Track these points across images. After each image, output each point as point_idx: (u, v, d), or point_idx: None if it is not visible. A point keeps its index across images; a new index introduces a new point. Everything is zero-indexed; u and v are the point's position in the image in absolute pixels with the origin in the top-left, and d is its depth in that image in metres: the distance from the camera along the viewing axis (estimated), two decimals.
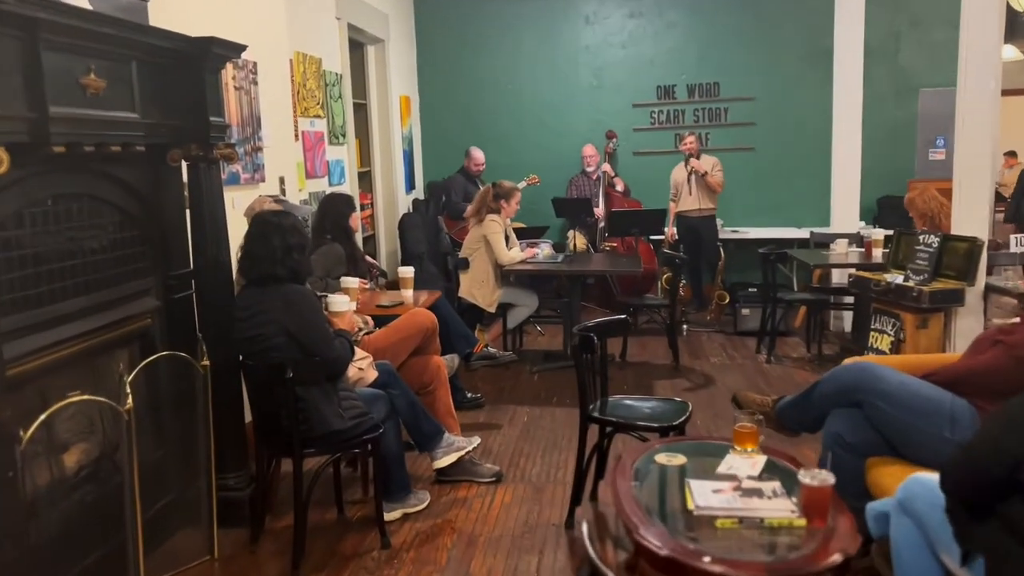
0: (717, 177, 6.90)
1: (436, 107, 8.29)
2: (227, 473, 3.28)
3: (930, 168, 7.93)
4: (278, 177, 4.50)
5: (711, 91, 8.03)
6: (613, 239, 7.37)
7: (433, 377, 3.65)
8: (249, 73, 4.06)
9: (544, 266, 5.49)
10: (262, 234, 2.91)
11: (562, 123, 8.19)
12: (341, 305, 3.17)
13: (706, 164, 6.91)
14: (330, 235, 4.37)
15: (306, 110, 5.28)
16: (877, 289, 4.46)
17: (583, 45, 8.16)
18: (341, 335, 3.00)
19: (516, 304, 5.60)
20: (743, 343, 6.27)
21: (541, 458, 3.99)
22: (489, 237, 5.41)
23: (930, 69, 7.77)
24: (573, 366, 5.55)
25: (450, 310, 4.64)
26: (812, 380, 5.37)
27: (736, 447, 2.71)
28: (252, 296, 2.90)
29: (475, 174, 7.24)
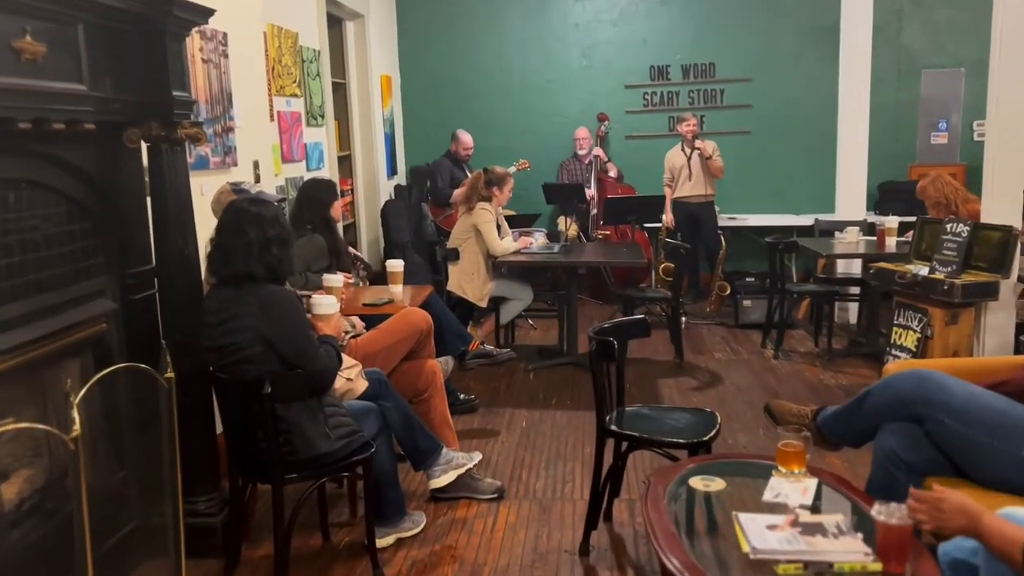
0: (719, 162, 6.57)
1: (419, 88, 7.87)
2: (197, 497, 2.90)
3: (932, 152, 7.65)
4: (252, 161, 4.09)
5: (707, 72, 7.69)
6: (606, 227, 7.03)
7: (428, 384, 3.28)
8: (219, 45, 3.65)
9: (539, 257, 5.13)
10: (237, 225, 2.52)
11: (551, 105, 7.82)
12: (327, 307, 2.79)
13: (707, 147, 6.57)
14: (310, 225, 3.98)
15: (282, 88, 4.86)
16: (902, 282, 4.15)
17: (573, 23, 7.77)
18: (327, 342, 2.62)
19: (509, 297, 5.24)
20: (747, 337, 5.97)
21: (545, 470, 3.65)
22: (480, 227, 5.03)
23: (933, 49, 7.50)
24: (570, 363, 5.27)
25: (443, 306, 4.27)
26: (822, 377, 5.17)
27: (781, 468, 2.38)
28: (224, 298, 2.51)
29: (463, 159, 6.85)
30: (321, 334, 2.68)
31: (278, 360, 2.46)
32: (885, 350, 4.43)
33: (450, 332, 4.14)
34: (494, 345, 5.36)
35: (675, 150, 6.76)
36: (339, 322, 2.88)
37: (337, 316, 2.82)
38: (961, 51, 7.44)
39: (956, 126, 7.61)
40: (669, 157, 6.79)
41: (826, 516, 2.08)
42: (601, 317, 6.55)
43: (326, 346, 2.59)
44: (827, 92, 7.36)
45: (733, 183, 7.27)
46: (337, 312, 2.83)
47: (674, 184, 6.74)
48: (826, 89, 7.42)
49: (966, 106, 7.54)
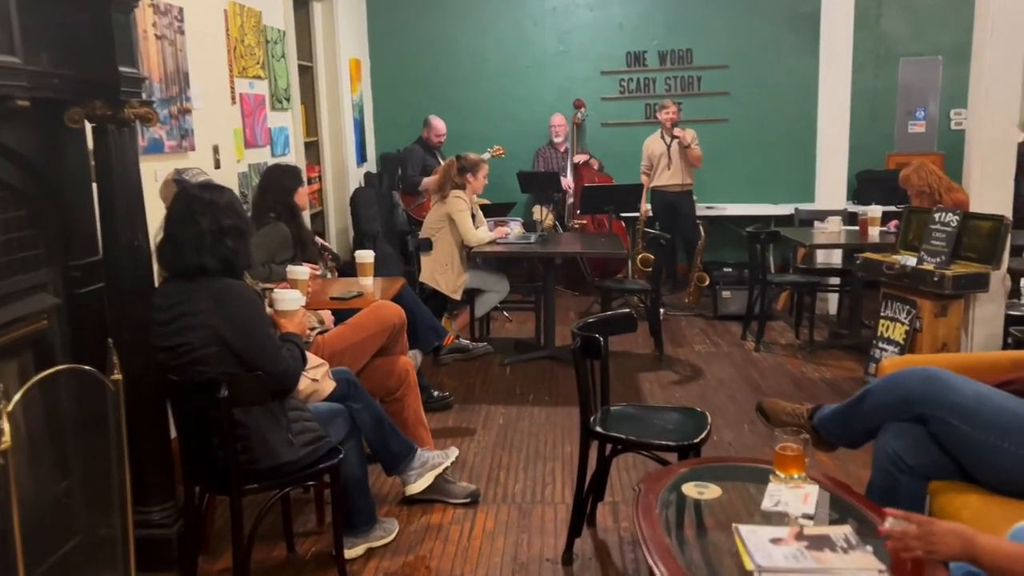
0: (697, 151, 6.42)
1: (389, 72, 7.63)
2: (149, 507, 2.69)
3: (910, 141, 7.58)
4: (211, 145, 3.86)
5: (684, 58, 7.54)
6: (583, 216, 6.86)
7: (401, 381, 3.08)
8: (174, 20, 3.41)
9: (516, 247, 4.94)
10: (187, 214, 2.30)
11: (527, 90, 7.62)
12: (290, 303, 2.58)
13: (686, 136, 6.42)
14: (273, 213, 3.76)
15: (244, 70, 4.61)
16: (890, 272, 4.03)
17: (549, 7, 7.57)
18: (290, 340, 2.42)
19: (484, 289, 5.05)
20: (726, 328, 5.83)
21: (524, 471, 3.47)
22: (454, 215, 4.83)
23: (911, 37, 7.40)
24: (548, 357, 5.09)
25: (416, 299, 4.07)
26: (805, 370, 5.05)
27: (779, 473, 2.23)
28: (175, 293, 2.29)
29: (435, 146, 6.63)
30: (284, 332, 2.47)
31: (235, 361, 2.25)
32: (871, 342, 4.33)
33: (423, 326, 3.95)
34: (469, 339, 5.17)
35: (654, 137, 6.60)
36: (303, 319, 2.67)
37: (301, 312, 2.61)
38: (939, 39, 7.37)
39: (933, 115, 7.54)
40: (648, 145, 6.63)
41: (832, 528, 1.93)
42: (578, 308, 6.39)
43: (289, 345, 2.38)
44: (806, 80, 7.25)
45: (710, 172, 7.12)
46: (301, 308, 2.63)
47: (652, 172, 6.58)
48: (805, 77, 7.30)
49: (943, 94, 7.48)
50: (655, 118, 7.51)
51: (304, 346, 2.51)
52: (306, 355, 2.50)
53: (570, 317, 6.13)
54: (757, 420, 3.99)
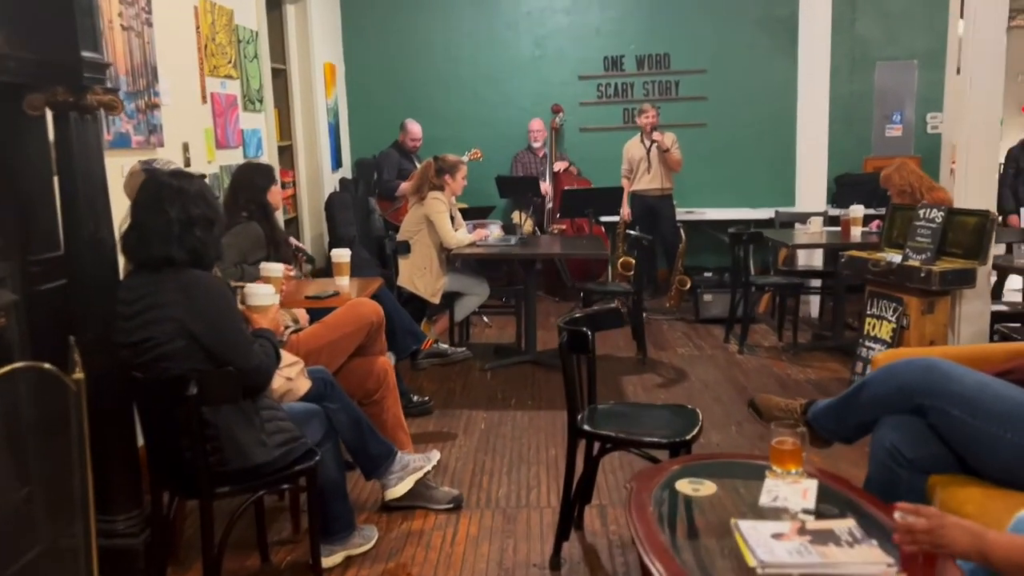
0: (677, 154, 6.38)
1: (364, 76, 7.53)
2: (114, 515, 2.54)
3: (887, 145, 7.60)
4: (181, 143, 3.74)
5: (661, 62, 7.51)
6: (562, 220, 6.79)
7: (380, 383, 2.97)
8: (141, 11, 3.29)
9: (496, 249, 4.84)
10: (155, 202, 2.18)
11: (503, 95, 7.55)
12: (262, 298, 2.47)
13: (667, 140, 6.38)
14: (245, 212, 3.63)
15: (215, 68, 4.49)
16: (876, 270, 3.98)
17: (524, 11, 7.52)
18: (263, 336, 2.30)
19: (464, 293, 4.94)
20: (708, 332, 5.77)
21: (507, 475, 3.36)
22: (432, 217, 4.73)
23: (886, 41, 7.43)
24: (529, 362, 5.00)
25: (394, 301, 3.96)
26: (790, 371, 4.99)
27: (775, 468, 2.14)
28: (140, 285, 2.17)
29: (411, 149, 6.53)
30: (256, 328, 2.35)
31: (204, 356, 2.13)
32: (855, 344, 4.27)
33: (402, 329, 3.83)
34: (448, 344, 5.05)
35: (634, 141, 6.55)
36: (277, 315, 2.55)
37: (275, 308, 2.50)
38: (914, 43, 7.41)
39: (910, 118, 7.58)
40: (628, 148, 6.58)
41: (835, 522, 1.85)
42: (559, 314, 6.28)
43: (261, 341, 2.26)
44: (784, 83, 7.27)
45: (688, 176, 7.06)
46: (275, 304, 2.51)
47: (632, 176, 6.53)
48: (783, 80, 7.32)
49: (919, 98, 7.52)
50: (634, 123, 7.49)
51: (278, 344, 2.39)
52: (280, 353, 2.38)
53: (551, 323, 6.04)
54: (745, 421, 3.95)
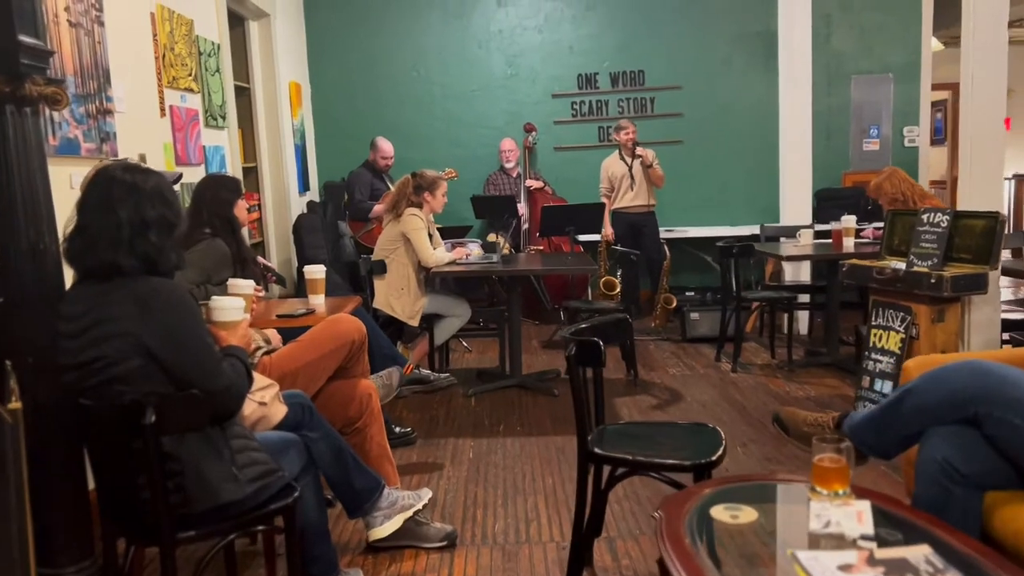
0: (660, 170, 6.20)
1: (331, 96, 7.28)
2: (60, 567, 2.20)
3: (865, 159, 7.52)
4: (138, 154, 3.44)
5: (636, 79, 7.37)
6: (540, 241, 6.56)
7: (363, 408, 2.67)
8: (91, 8, 3.01)
9: (478, 267, 4.58)
10: (104, 199, 1.89)
11: (475, 115, 7.35)
12: (230, 312, 2.17)
13: (648, 155, 6.20)
14: (209, 229, 3.34)
15: (175, 80, 4.21)
16: (881, 278, 3.78)
17: (496, 29, 7.34)
18: (232, 354, 2.00)
19: (444, 314, 4.67)
20: (697, 351, 5.55)
21: (503, 508, 3.07)
22: (410, 234, 4.47)
23: (861, 55, 7.37)
24: (515, 386, 4.72)
25: (372, 323, 3.67)
26: (788, 388, 4.77)
27: (819, 489, 1.88)
28: (87, 296, 1.87)
29: (383, 168, 6.26)
30: (224, 345, 2.06)
31: (164, 378, 1.83)
32: (851, 359, 4.07)
33: (381, 354, 3.54)
34: (429, 369, 4.76)
35: (613, 159, 6.36)
36: (248, 332, 2.25)
37: (244, 324, 2.20)
38: (888, 56, 7.36)
39: (887, 132, 7.51)
40: (607, 166, 6.39)
41: (908, 549, 1.60)
42: (540, 337, 6.05)
43: (231, 360, 1.97)
44: (761, 98, 7.18)
45: (665, 194, 6.85)
46: (245, 319, 2.22)
47: (613, 194, 6.33)
48: (760, 95, 7.23)
49: (896, 112, 7.46)
50: (609, 140, 7.33)
51: (250, 363, 2.10)
52: (252, 374, 2.09)
53: (532, 346, 5.79)
54: (750, 442, 3.72)
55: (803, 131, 5.93)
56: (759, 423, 3.97)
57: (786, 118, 5.99)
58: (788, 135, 6.00)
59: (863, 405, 3.86)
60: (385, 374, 2.94)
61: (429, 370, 4.64)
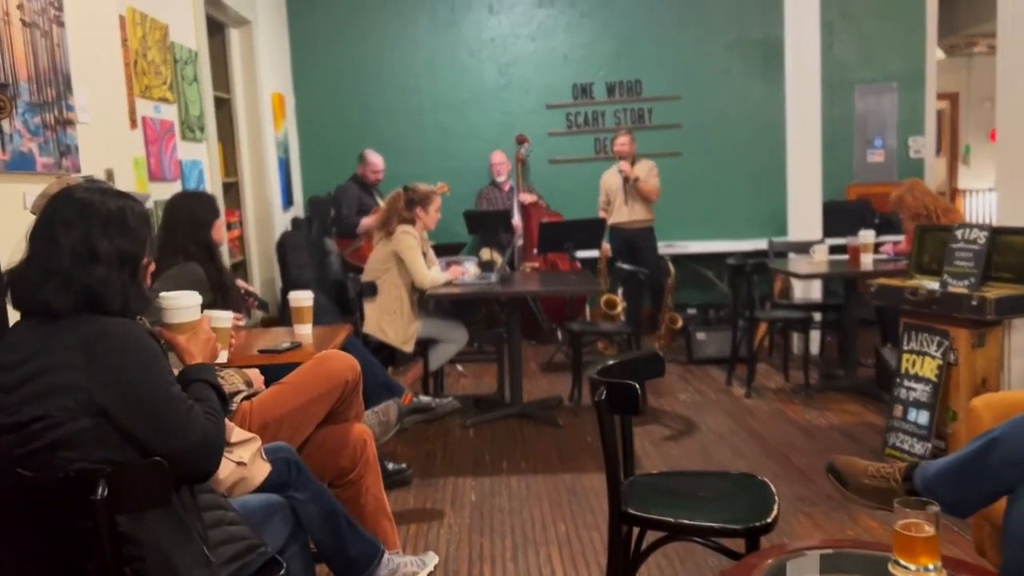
0: (651, 183, 5.91)
1: (316, 108, 6.96)
2: None
3: (869, 171, 7.30)
4: (103, 169, 3.11)
5: (633, 89, 7.10)
6: (535, 258, 6.27)
7: (357, 457, 2.34)
8: (49, 6, 2.69)
9: (476, 288, 4.27)
10: (50, 222, 1.57)
11: (467, 127, 7.05)
12: (186, 311, 1.80)
13: (641, 169, 5.91)
14: (184, 255, 3.01)
15: (148, 89, 3.89)
16: (914, 299, 3.51)
17: (488, 37, 7.06)
18: (199, 380, 1.66)
19: (439, 339, 4.35)
20: (705, 373, 5.26)
21: (513, 562, 2.75)
22: (403, 253, 4.16)
23: (864, 64, 7.15)
24: (516, 415, 4.41)
25: (365, 352, 3.36)
26: (809, 416, 4.45)
27: (905, 563, 1.58)
28: (26, 342, 1.54)
29: (372, 183, 5.95)
30: (189, 364, 1.72)
31: (121, 441, 1.51)
32: (871, 383, 3.78)
33: (374, 382, 3.22)
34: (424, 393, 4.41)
35: (611, 172, 6.08)
36: (211, 337, 1.85)
37: (205, 323, 1.83)
38: (892, 65, 7.15)
39: (892, 143, 7.29)
40: (605, 179, 6.11)
41: None
42: (538, 359, 5.75)
43: (200, 392, 1.64)
44: (761, 107, 6.98)
45: (663, 208, 6.54)
46: (205, 318, 1.85)
47: (610, 209, 6.05)
48: (760, 104, 7.01)
49: (900, 122, 7.24)
50: (606, 153, 7.07)
51: (226, 401, 1.77)
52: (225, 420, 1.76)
53: (531, 369, 5.48)
54: (780, 479, 3.42)
55: (811, 142, 5.66)
56: (782, 456, 3.68)
57: (793, 129, 5.73)
58: (796, 146, 5.74)
59: (896, 436, 3.58)
60: (381, 409, 2.63)
61: (431, 397, 4.26)
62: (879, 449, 3.66)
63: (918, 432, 3.49)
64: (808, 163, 5.68)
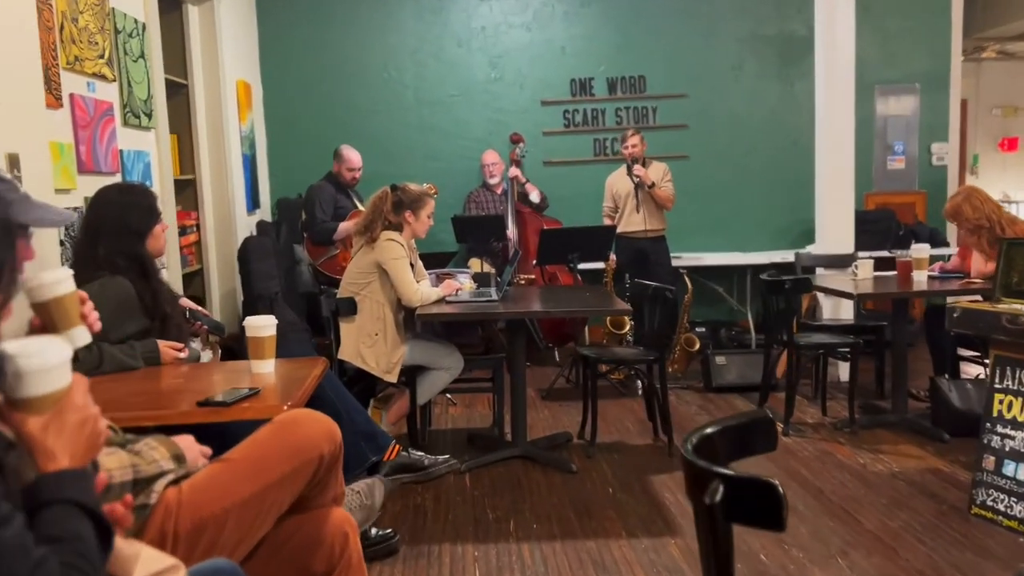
0: (667, 189, 5.30)
1: (288, 100, 6.26)
2: None
3: (889, 178, 6.75)
4: (4, 155, 2.41)
5: (636, 86, 6.50)
6: (532, 269, 5.62)
7: (335, 559, 1.64)
8: None
9: (475, 307, 3.59)
10: None
11: (455, 124, 6.40)
12: (42, 377, 1.05)
13: (655, 173, 5.30)
14: (106, 267, 2.32)
15: (78, 61, 3.19)
16: (1014, 328, 2.90)
17: (478, 26, 6.41)
18: (61, 535, 0.98)
19: (429, 367, 3.67)
20: (729, 404, 4.63)
21: None
22: (388, 265, 3.48)
23: (885, 64, 6.59)
24: (519, 457, 3.74)
25: (341, 391, 2.68)
26: (864, 460, 3.46)
27: None
28: None
29: (349, 182, 5.25)
30: (47, 471, 1.02)
31: None
32: (984, 427, 3.15)
33: (354, 432, 2.55)
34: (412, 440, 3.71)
35: (619, 174, 5.45)
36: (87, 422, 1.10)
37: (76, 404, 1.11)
38: (914, 63, 6.61)
39: (913, 149, 6.75)
40: (611, 182, 5.48)
41: None
42: (535, 383, 5.05)
43: (62, 549, 0.95)
44: (778, 108, 6.45)
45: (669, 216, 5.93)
46: (77, 392, 1.13)
47: (617, 216, 5.42)
48: (773, 105, 6.48)
49: (922, 126, 6.70)
50: (606, 154, 6.46)
51: (102, 515, 1.08)
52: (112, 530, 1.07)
53: (529, 396, 4.79)
54: (848, 547, 2.79)
55: (844, 146, 5.08)
56: (847, 515, 3.05)
57: (824, 131, 5.14)
58: (826, 150, 5.14)
59: (986, 493, 2.97)
60: (363, 488, 1.99)
61: (422, 452, 3.52)
62: (963, 507, 3.05)
63: (1017, 490, 2.88)
64: (840, 169, 5.09)
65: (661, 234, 5.41)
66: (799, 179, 6.44)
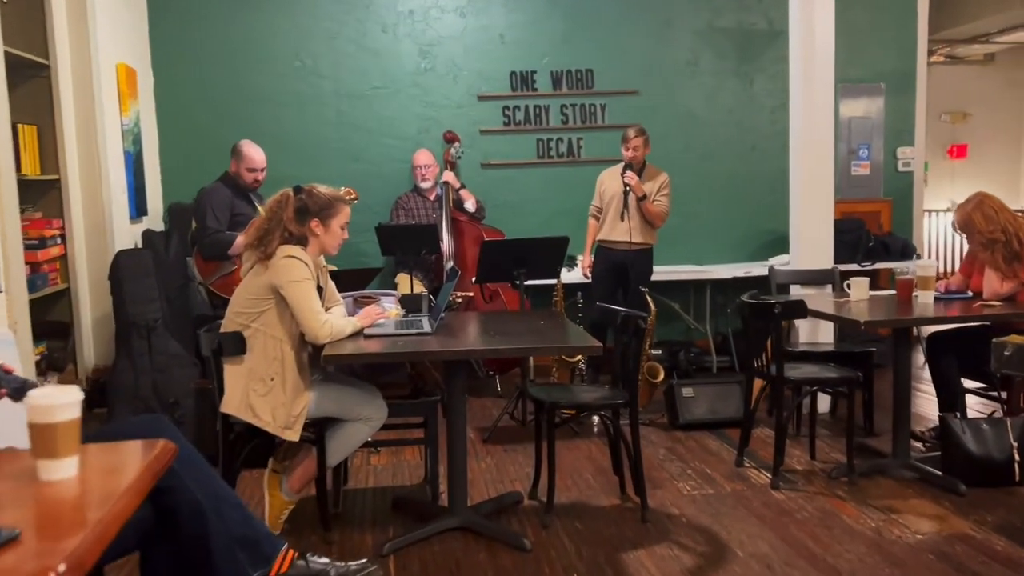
0: (660, 205, 4.66)
1: (182, 88, 5.37)
2: None
3: (854, 185, 6.26)
4: None
5: (583, 81, 5.84)
6: (470, 286, 4.88)
7: None
8: None
9: (403, 344, 2.80)
10: None
11: (378, 120, 5.63)
12: None
13: (652, 184, 4.67)
14: None
15: None
16: None
17: (405, 9, 5.65)
18: None
19: (343, 418, 2.88)
20: (701, 445, 3.97)
21: None
22: (286, 289, 2.69)
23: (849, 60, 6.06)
24: (458, 529, 2.96)
25: (205, 476, 1.85)
26: (873, 521, 2.75)
27: None
28: None
29: (249, 185, 4.39)
30: None
31: None
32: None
33: (227, 539, 1.75)
34: (315, 500, 2.92)
35: (613, 172, 4.77)
36: None
37: None
38: (879, 62, 6.17)
39: (878, 154, 6.27)
40: (602, 180, 4.84)
41: None
42: (475, 422, 4.31)
43: None
44: (736, 108, 5.88)
45: None
46: None
47: (601, 219, 4.76)
48: (731, 105, 5.90)
49: (888, 129, 6.24)
50: (550, 157, 5.78)
51: None
52: None
53: (467, 439, 4.05)
54: None
55: (822, 149, 4.50)
56: None
57: (800, 133, 4.54)
58: (802, 154, 4.54)
59: None
60: None
61: (328, 558, 2.66)
62: None
63: None
64: (817, 175, 4.50)
65: (648, 248, 4.74)
66: (761, 185, 5.90)
